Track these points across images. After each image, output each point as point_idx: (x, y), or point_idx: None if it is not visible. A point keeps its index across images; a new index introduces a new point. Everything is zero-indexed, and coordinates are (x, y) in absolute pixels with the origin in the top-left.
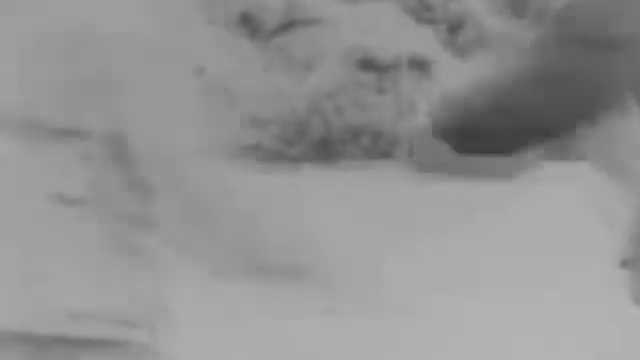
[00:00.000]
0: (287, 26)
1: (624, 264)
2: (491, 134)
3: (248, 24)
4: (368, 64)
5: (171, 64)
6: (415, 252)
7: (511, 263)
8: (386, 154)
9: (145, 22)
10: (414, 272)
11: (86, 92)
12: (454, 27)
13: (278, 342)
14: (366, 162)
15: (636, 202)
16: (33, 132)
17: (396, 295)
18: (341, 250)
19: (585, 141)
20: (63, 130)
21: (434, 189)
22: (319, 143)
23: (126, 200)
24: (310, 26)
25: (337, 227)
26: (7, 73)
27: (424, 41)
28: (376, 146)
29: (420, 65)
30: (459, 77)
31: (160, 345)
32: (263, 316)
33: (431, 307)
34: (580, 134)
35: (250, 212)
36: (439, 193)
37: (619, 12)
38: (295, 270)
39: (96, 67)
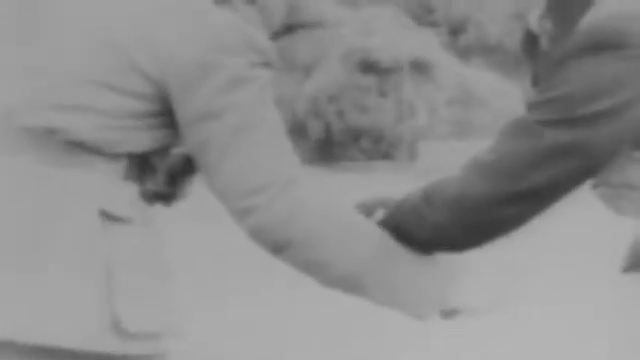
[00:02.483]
0: (289, 29)
1: (626, 269)
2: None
3: None
4: (369, 67)
5: None
6: None
7: (518, 260)
8: (387, 156)
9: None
10: None
11: None
12: (455, 30)
13: None
14: (366, 164)
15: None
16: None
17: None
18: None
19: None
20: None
21: None
22: (320, 145)
23: None
24: (312, 29)
25: None
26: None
27: (425, 44)
28: (377, 148)
29: (421, 68)
30: (459, 79)
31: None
32: None
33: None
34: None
35: None
36: None
37: None
38: None
39: None
